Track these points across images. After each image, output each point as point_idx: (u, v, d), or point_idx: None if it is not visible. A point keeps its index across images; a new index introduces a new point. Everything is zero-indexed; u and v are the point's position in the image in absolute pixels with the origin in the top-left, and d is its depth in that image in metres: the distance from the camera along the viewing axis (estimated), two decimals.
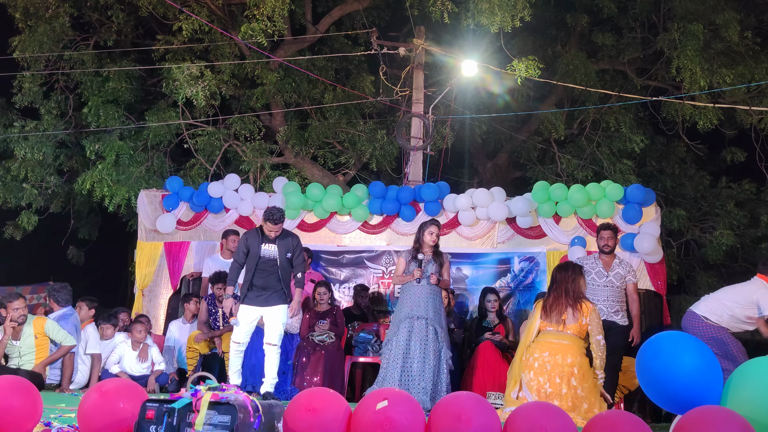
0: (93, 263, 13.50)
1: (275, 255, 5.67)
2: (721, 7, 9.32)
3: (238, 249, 5.78)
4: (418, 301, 5.61)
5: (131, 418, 2.68)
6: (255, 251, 5.66)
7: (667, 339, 3.09)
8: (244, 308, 5.63)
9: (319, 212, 8.01)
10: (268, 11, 8.40)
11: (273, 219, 5.62)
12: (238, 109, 11.03)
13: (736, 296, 4.97)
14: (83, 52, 10.40)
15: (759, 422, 2.68)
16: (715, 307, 4.98)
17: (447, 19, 8.94)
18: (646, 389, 3.12)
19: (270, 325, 5.62)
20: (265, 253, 5.66)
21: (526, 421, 2.64)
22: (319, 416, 2.69)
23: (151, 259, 8.16)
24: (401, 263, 5.81)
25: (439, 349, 5.52)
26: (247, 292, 5.63)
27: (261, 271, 5.64)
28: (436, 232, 5.77)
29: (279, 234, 5.71)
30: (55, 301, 6.35)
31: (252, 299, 5.63)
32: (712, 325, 4.93)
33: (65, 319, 6.16)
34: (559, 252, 7.55)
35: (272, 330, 5.61)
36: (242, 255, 5.70)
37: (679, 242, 11.80)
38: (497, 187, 7.91)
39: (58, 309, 6.31)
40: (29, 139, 10.17)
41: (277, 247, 5.69)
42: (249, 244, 5.70)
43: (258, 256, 5.63)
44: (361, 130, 10.76)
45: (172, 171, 10.72)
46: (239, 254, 5.72)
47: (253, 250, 5.67)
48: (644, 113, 11.72)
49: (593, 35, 10.99)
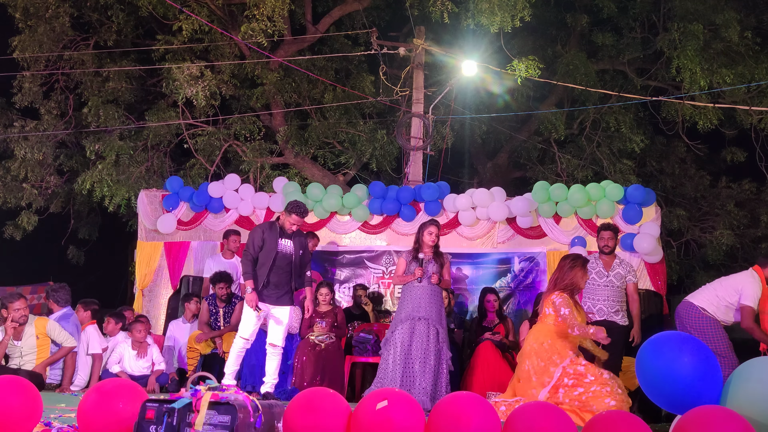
0: (93, 263, 13.50)
1: (291, 251, 5.54)
2: (721, 7, 9.32)
3: (251, 240, 5.48)
4: (419, 301, 5.60)
5: (131, 418, 2.68)
6: (272, 246, 5.44)
7: (667, 339, 3.09)
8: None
9: (319, 212, 8.01)
10: (268, 11, 8.40)
11: (300, 212, 5.47)
12: (238, 109, 11.04)
13: (728, 287, 5.02)
14: (83, 52, 10.40)
15: (759, 422, 2.68)
16: (712, 299, 5.01)
17: (447, 19, 8.95)
18: (646, 389, 3.12)
19: (275, 326, 5.53)
20: (282, 249, 5.49)
21: (526, 421, 2.64)
22: (319, 416, 2.69)
23: (151, 259, 8.17)
24: (401, 263, 5.80)
25: (439, 350, 5.51)
26: (263, 289, 5.44)
27: (278, 268, 5.46)
28: (435, 232, 5.75)
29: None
30: (55, 301, 6.35)
31: (264, 296, 5.45)
32: (708, 318, 4.94)
33: (66, 320, 6.16)
34: (559, 252, 7.54)
35: (277, 331, 5.51)
36: (257, 248, 5.44)
37: (679, 242, 11.81)
38: (497, 187, 7.91)
39: (58, 309, 6.31)
40: (29, 139, 10.18)
41: (293, 243, 5.56)
42: (266, 237, 5.46)
43: (276, 251, 5.45)
44: (361, 130, 10.76)
45: (172, 171, 10.72)
46: (254, 247, 5.44)
47: (270, 245, 5.45)
48: (644, 113, 11.72)
49: (593, 35, 11.00)
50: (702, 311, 4.97)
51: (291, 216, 5.49)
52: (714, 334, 4.90)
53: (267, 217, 8.15)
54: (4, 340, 5.70)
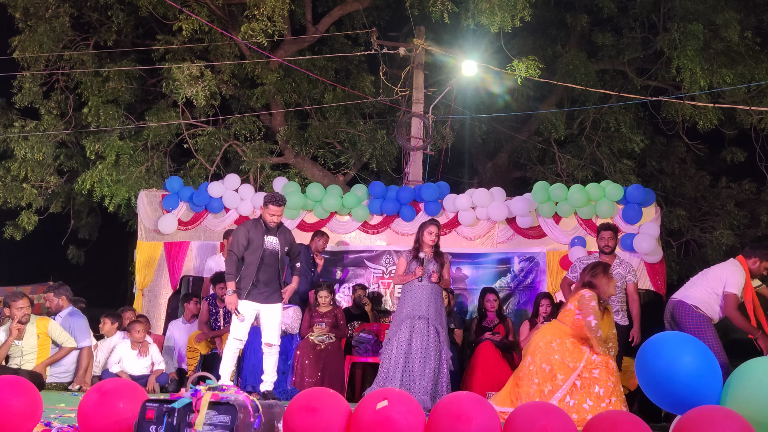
0: (93, 263, 13.50)
1: (277, 247, 5.43)
2: (721, 7, 9.31)
3: (236, 240, 5.37)
4: (419, 301, 5.60)
5: (131, 418, 2.68)
6: (258, 243, 5.33)
7: (667, 339, 3.09)
8: (245, 304, 5.36)
9: (319, 212, 8.00)
10: (268, 11, 8.40)
11: (276, 201, 5.34)
12: (238, 109, 11.04)
13: (714, 277, 5.02)
14: (83, 52, 10.40)
15: (759, 422, 2.68)
16: (701, 294, 5.01)
17: (447, 19, 8.95)
18: (646, 389, 3.12)
19: (268, 325, 5.43)
20: (268, 246, 5.39)
21: (526, 421, 2.64)
22: (319, 416, 2.69)
23: (151, 259, 8.17)
24: (402, 263, 5.80)
25: (439, 349, 5.51)
26: (251, 288, 5.34)
27: (266, 266, 5.36)
28: (435, 231, 5.75)
29: (279, 223, 5.50)
30: (63, 296, 6.38)
31: (254, 295, 5.36)
32: (702, 316, 4.95)
33: (77, 315, 6.20)
34: (559, 252, 7.55)
35: (271, 329, 5.42)
36: (242, 247, 5.34)
37: (679, 242, 11.81)
38: (497, 187, 7.91)
39: (68, 305, 6.35)
40: (29, 139, 10.17)
41: (279, 240, 5.47)
42: (251, 236, 5.35)
43: (262, 248, 5.35)
44: (361, 130, 10.76)
45: (172, 171, 10.72)
46: (238, 246, 5.34)
47: (256, 242, 5.34)
48: (644, 113, 11.72)
49: (593, 35, 11.00)
50: (695, 309, 4.98)
51: (268, 207, 5.36)
52: (709, 332, 4.92)
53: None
54: (8, 341, 5.70)
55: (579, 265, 5.88)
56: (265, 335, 5.47)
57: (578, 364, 4.51)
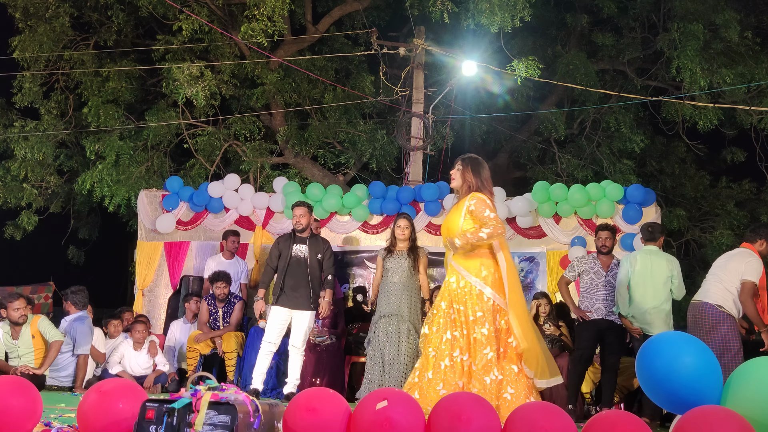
0: (93, 263, 13.50)
1: (305, 255, 5.80)
2: (721, 7, 9.32)
3: (270, 254, 5.93)
4: (390, 298, 5.64)
5: (131, 418, 2.68)
6: (286, 252, 5.80)
7: (667, 339, 3.09)
8: (276, 309, 5.74)
9: (319, 212, 8.01)
10: (268, 11, 8.40)
11: (297, 203, 5.88)
12: (238, 109, 11.03)
13: (731, 270, 4.88)
14: (83, 52, 10.40)
15: (759, 422, 2.67)
16: (722, 292, 4.86)
17: (447, 19, 8.95)
18: (646, 389, 3.12)
19: (296, 330, 5.75)
20: (295, 253, 5.80)
21: (526, 421, 2.64)
22: (319, 416, 2.69)
23: (151, 259, 8.17)
24: (378, 263, 5.85)
25: (415, 346, 5.47)
26: (280, 293, 5.74)
27: (292, 272, 5.74)
28: (404, 225, 5.75)
29: (307, 229, 5.87)
30: (73, 303, 6.41)
31: (284, 301, 5.73)
32: (723, 313, 4.81)
33: (81, 321, 6.21)
34: (559, 252, 7.55)
35: (298, 334, 5.74)
36: (274, 258, 5.85)
37: (679, 242, 11.80)
38: (497, 187, 7.87)
39: (75, 312, 6.35)
40: (29, 139, 10.16)
41: (308, 248, 5.81)
42: (281, 247, 5.86)
43: (289, 256, 5.77)
44: (361, 130, 10.76)
45: (172, 171, 10.72)
46: (271, 258, 5.87)
47: (284, 252, 5.83)
48: (644, 113, 11.72)
49: (593, 35, 11.00)
50: (719, 309, 4.82)
51: (293, 210, 5.87)
52: (725, 327, 4.77)
53: (267, 217, 8.16)
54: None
55: (576, 264, 5.90)
56: (292, 338, 5.78)
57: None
